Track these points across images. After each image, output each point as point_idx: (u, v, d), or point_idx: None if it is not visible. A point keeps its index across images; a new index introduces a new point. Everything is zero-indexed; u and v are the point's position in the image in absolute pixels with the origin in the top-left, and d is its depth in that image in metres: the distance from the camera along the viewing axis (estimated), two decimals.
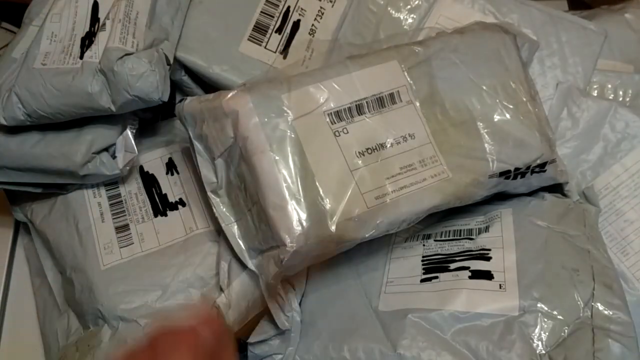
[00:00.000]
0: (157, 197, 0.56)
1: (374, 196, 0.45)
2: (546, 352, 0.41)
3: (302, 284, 0.51)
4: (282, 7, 0.59)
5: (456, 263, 0.47)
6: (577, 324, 0.42)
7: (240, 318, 0.47)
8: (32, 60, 0.56)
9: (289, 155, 0.44)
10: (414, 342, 0.43)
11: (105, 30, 0.55)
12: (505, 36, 0.52)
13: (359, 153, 0.46)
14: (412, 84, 0.49)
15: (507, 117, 0.50)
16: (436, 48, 0.50)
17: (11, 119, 0.56)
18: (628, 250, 0.54)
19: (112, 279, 0.52)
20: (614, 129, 0.57)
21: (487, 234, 0.49)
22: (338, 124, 0.46)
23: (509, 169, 0.49)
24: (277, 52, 0.58)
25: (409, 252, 0.51)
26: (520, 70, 0.52)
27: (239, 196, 0.48)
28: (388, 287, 0.49)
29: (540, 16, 0.60)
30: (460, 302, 0.44)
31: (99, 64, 0.53)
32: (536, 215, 0.50)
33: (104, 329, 0.51)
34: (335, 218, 0.44)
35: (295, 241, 0.43)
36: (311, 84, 0.47)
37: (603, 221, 0.55)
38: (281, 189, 0.43)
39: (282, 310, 0.47)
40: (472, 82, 0.50)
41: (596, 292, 0.44)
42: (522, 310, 0.43)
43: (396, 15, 0.60)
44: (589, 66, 0.59)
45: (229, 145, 0.46)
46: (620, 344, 0.41)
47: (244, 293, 0.49)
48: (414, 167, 0.47)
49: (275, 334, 0.47)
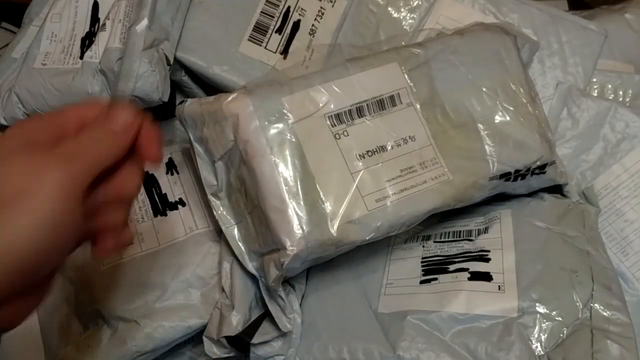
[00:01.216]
0: (157, 197, 0.56)
1: (374, 199, 0.45)
2: (545, 353, 0.41)
3: (302, 285, 0.51)
4: (282, 7, 0.59)
5: (455, 264, 0.48)
6: (576, 325, 0.42)
7: (243, 319, 0.47)
8: (32, 60, 0.56)
9: (289, 159, 0.44)
10: (413, 344, 0.43)
11: (106, 31, 0.55)
12: (505, 37, 0.52)
13: (360, 156, 0.46)
14: (413, 86, 0.49)
15: (507, 119, 0.50)
16: (436, 50, 0.50)
17: (11, 118, 0.56)
18: (628, 251, 0.54)
19: (112, 279, 0.52)
20: (614, 129, 0.57)
21: (486, 235, 0.49)
22: (338, 126, 0.46)
23: (509, 171, 0.49)
24: (277, 53, 0.58)
25: (408, 254, 0.51)
26: (520, 72, 0.51)
27: (240, 199, 0.48)
28: (387, 289, 0.49)
29: (541, 16, 0.60)
30: (459, 303, 0.44)
31: (99, 64, 0.53)
32: (535, 216, 0.50)
33: (104, 329, 0.51)
34: (336, 221, 0.44)
35: (295, 244, 0.43)
36: (311, 87, 0.47)
37: (603, 221, 0.55)
38: (281, 192, 0.43)
39: (283, 312, 0.47)
40: (472, 84, 0.50)
41: (595, 293, 0.44)
42: (521, 311, 0.43)
43: (396, 15, 0.60)
44: (589, 66, 0.59)
45: (229, 148, 0.46)
46: (619, 345, 0.41)
47: (247, 294, 0.49)
48: (414, 170, 0.47)
49: (277, 335, 0.48)
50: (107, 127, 0.32)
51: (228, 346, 0.48)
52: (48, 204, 0.27)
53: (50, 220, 0.27)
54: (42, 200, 0.27)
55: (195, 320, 0.50)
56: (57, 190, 0.28)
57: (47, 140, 0.30)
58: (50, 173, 0.28)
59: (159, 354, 0.51)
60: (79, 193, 0.29)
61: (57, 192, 0.28)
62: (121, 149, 0.33)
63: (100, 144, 0.31)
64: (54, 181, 0.28)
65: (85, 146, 0.31)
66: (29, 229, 0.27)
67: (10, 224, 0.27)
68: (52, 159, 0.28)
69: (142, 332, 0.49)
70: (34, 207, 0.27)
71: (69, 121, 0.32)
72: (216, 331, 0.48)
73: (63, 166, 0.28)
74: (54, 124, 0.31)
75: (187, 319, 0.50)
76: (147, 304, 0.51)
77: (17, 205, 0.27)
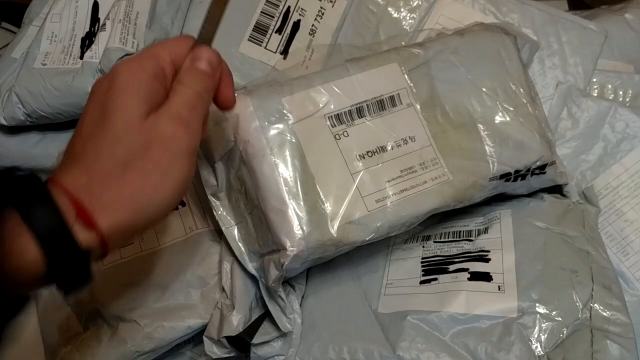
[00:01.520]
0: None
1: (374, 199, 0.45)
2: (545, 353, 0.41)
3: (302, 285, 0.51)
4: (283, 7, 0.59)
5: (455, 265, 0.48)
6: (575, 325, 0.42)
7: (244, 319, 0.47)
8: (32, 60, 0.56)
9: (289, 159, 0.44)
10: (413, 344, 0.43)
11: (106, 31, 0.55)
12: (505, 37, 0.52)
13: (360, 156, 0.46)
14: (413, 87, 0.49)
15: (507, 119, 0.50)
16: (436, 50, 0.50)
17: (11, 118, 0.56)
18: (628, 251, 0.54)
19: (112, 279, 0.52)
20: (614, 129, 0.57)
21: (486, 235, 0.49)
22: (338, 127, 0.46)
23: (509, 171, 0.49)
24: (277, 53, 0.58)
25: (408, 254, 0.51)
26: (520, 72, 0.51)
27: (239, 199, 0.48)
28: (387, 289, 0.49)
29: (541, 16, 0.60)
30: (459, 303, 0.44)
31: (99, 64, 0.53)
32: (535, 217, 0.50)
33: (104, 329, 0.51)
34: (336, 221, 0.44)
35: (295, 245, 0.43)
36: (311, 87, 0.47)
37: (603, 221, 0.55)
38: (281, 192, 0.44)
39: (283, 312, 0.47)
40: (472, 84, 0.50)
41: (595, 293, 0.44)
42: (521, 311, 0.43)
43: (396, 16, 0.60)
44: (589, 66, 0.59)
45: (229, 148, 0.46)
46: (618, 345, 0.41)
47: (247, 294, 0.49)
48: (414, 170, 0.47)
49: (277, 335, 0.48)
50: (197, 67, 0.35)
51: (228, 346, 0.48)
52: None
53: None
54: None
55: (195, 320, 0.50)
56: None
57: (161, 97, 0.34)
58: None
59: (159, 354, 0.51)
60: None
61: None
62: (212, 89, 0.36)
63: (199, 101, 0.35)
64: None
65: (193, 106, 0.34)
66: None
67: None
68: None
69: (142, 332, 0.49)
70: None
71: (164, 59, 0.35)
72: (217, 331, 0.48)
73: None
74: (158, 70, 0.34)
75: (187, 319, 0.50)
76: (147, 304, 0.51)
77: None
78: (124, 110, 0.32)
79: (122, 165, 0.31)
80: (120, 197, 0.31)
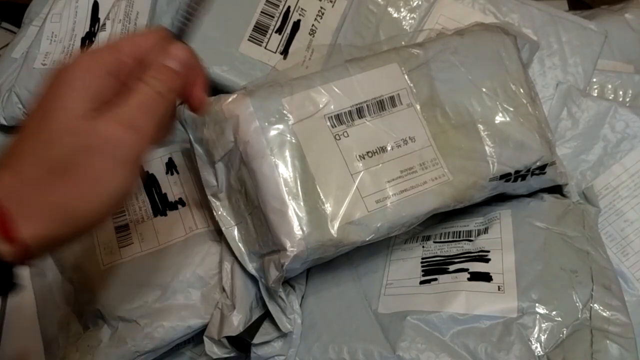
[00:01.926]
0: (157, 197, 0.56)
1: (374, 200, 0.45)
2: (544, 353, 0.41)
3: (302, 285, 0.51)
4: (283, 7, 0.59)
5: (455, 265, 0.48)
6: (575, 325, 0.42)
7: (244, 319, 0.47)
8: (32, 60, 0.56)
9: (289, 160, 0.44)
10: (413, 344, 0.43)
11: (106, 31, 0.55)
12: (505, 38, 0.52)
13: (360, 156, 0.46)
14: (413, 87, 0.49)
15: (507, 120, 0.50)
16: (436, 50, 0.50)
17: (11, 118, 0.56)
18: (628, 251, 0.54)
19: (112, 279, 0.52)
20: (614, 129, 0.57)
21: (486, 236, 0.49)
22: (338, 127, 0.46)
23: (509, 172, 0.49)
24: (277, 53, 0.58)
25: (408, 254, 0.51)
26: (520, 72, 0.51)
27: (240, 200, 0.48)
28: (387, 289, 0.49)
29: (541, 16, 0.60)
30: (459, 304, 0.44)
31: None
32: (535, 217, 0.50)
33: (103, 329, 0.51)
34: (336, 222, 0.44)
35: (295, 245, 0.43)
36: (311, 88, 0.47)
37: (603, 221, 0.55)
38: (281, 193, 0.44)
39: (283, 312, 0.47)
40: (472, 84, 0.50)
41: (595, 293, 0.44)
42: (521, 311, 0.43)
43: (396, 16, 0.60)
44: (589, 66, 0.59)
45: (229, 149, 0.46)
46: (618, 345, 0.41)
47: (248, 294, 0.49)
48: (414, 170, 0.47)
49: (278, 335, 0.48)
50: (164, 64, 0.33)
51: (229, 346, 0.48)
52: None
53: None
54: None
55: (195, 320, 0.50)
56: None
57: (111, 94, 0.31)
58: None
59: (159, 354, 0.51)
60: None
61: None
62: (178, 90, 0.34)
63: (159, 102, 0.32)
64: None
65: (147, 111, 0.31)
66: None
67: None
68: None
69: (142, 332, 0.49)
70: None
71: (127, 53, 0.32)
72: (217, 331, 0.48)
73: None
74: (116, 64, 0.31)
75: (187, 319, 0.50)
76: (147, 304, 0.51)
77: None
78: (64, 109, 0.29)
79: (53, 170, 0.29)
80: (47, 205, 0.29)
